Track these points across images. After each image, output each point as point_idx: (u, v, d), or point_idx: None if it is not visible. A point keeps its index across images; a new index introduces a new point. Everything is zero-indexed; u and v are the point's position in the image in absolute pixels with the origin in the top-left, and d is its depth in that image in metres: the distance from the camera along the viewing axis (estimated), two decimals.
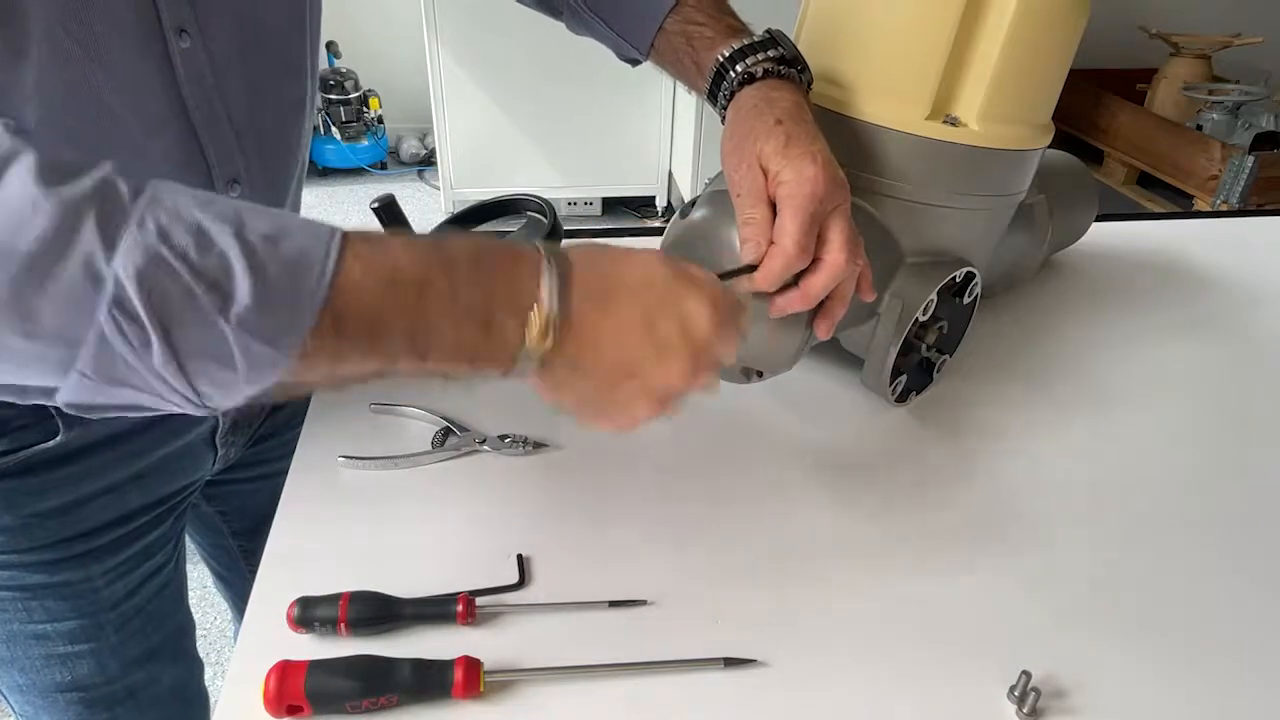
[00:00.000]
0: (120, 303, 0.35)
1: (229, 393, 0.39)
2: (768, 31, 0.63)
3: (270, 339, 0.38)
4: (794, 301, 0.56)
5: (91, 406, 0.39)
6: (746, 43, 0.62)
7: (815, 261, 0.55)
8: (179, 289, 0.36)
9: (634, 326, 0.45)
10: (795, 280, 0.56)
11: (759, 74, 0.61)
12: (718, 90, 0.63)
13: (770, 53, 0.61)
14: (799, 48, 0.63)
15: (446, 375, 0.44)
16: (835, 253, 0.55)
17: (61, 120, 0.49)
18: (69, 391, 0.38)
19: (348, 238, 0.40)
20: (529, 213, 0.91)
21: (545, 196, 0.91)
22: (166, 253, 0.36)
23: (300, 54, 0.67)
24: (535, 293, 0.43)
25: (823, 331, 0.59)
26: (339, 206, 3.23)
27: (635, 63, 0.74)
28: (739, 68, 0.61)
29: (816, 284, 0.55)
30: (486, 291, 0.42)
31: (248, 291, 0.37)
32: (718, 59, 0.62)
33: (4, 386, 0.41)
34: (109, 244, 0.35)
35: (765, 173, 0.56)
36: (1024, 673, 0.51)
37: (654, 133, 3.03)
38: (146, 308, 0.36)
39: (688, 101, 2.77)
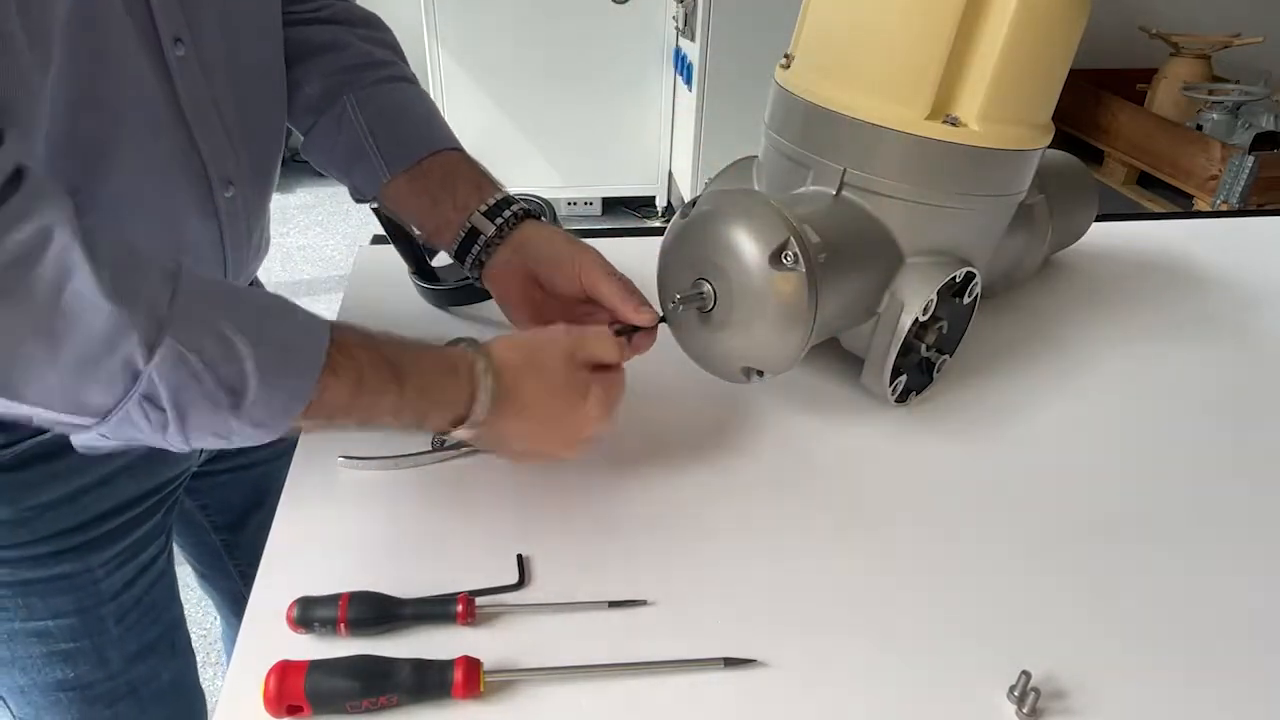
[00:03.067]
0: (150, 397, 0.45)
1: (219, 447, 0.50)
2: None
3: (263, 425, 0.49)
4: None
5: (97, 448, 0.49)
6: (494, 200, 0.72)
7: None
8: (201, 391, 0.45)
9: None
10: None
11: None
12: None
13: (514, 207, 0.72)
14: (799, 47, 0.63)
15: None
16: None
17: (75, 127, 0.51)
18: (83, 440, 0.47)
19: (331, 350, 0.50)
20: None
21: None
22: (195, 361, 0.45)
23: (279, 53, 0.70)
24: (465, 404, 0.56)
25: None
26: (339, 206, 3.22)
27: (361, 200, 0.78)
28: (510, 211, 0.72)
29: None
30: (428, 401, 0.55)
31: (254, 393, 0.47)
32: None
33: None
34: (149, 350, 0.44)
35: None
36: (1024, 673, 0.51)
37: (654, 133, 3.03)
38: (171, 401, 0.45)
39: (688, 101, 2.77)
